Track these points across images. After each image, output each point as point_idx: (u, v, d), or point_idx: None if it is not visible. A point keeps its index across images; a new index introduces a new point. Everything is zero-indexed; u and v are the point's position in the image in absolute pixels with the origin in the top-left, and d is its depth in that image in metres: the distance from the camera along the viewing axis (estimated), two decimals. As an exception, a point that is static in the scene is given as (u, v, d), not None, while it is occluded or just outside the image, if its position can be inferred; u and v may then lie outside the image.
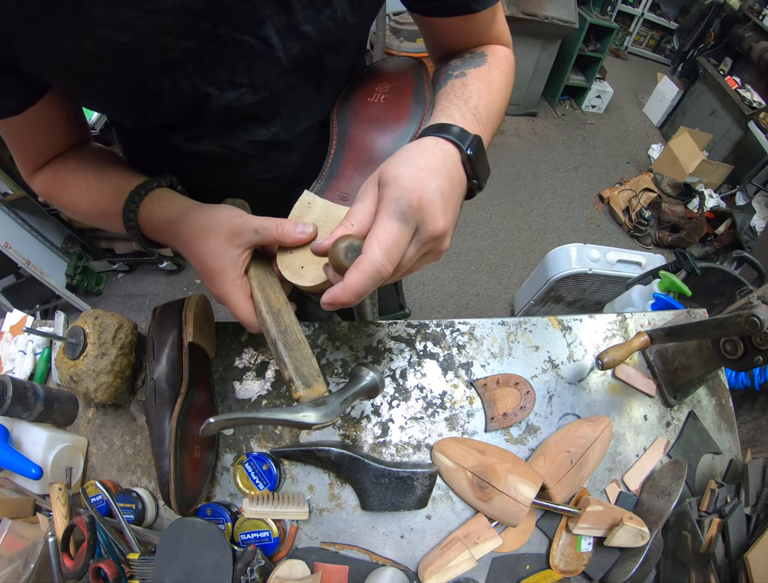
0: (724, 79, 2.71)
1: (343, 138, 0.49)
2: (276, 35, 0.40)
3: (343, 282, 0.32)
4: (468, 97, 0.44)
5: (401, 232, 0.32)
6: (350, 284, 0.32)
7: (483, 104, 0.44)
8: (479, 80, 0.46)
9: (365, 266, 0.31)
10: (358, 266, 0.32)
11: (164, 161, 0.52)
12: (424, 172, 0.34)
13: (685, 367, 0.66)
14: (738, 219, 2.32)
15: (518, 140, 2.97)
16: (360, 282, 0.32)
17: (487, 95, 0.45)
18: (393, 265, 0.32)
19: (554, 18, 2.51)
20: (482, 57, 0.49)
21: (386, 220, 0.32)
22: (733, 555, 0.55)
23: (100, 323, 0.59)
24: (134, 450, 0.62)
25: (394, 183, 0.33)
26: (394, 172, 0.34)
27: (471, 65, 0.48)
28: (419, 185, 0.33)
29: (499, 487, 0.54)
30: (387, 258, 0.32)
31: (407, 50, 2.50)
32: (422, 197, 0.33)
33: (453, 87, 0.46)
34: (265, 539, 0.55)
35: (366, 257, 0.32)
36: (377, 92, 0.51)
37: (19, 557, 0.52)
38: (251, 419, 0.39)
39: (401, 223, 0.32)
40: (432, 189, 0.34)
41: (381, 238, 0.32)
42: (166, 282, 2.05)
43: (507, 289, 2.16)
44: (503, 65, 0.50)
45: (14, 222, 1.68)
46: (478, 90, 0.45)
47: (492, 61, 0.49)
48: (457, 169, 0.38)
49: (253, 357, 0.66)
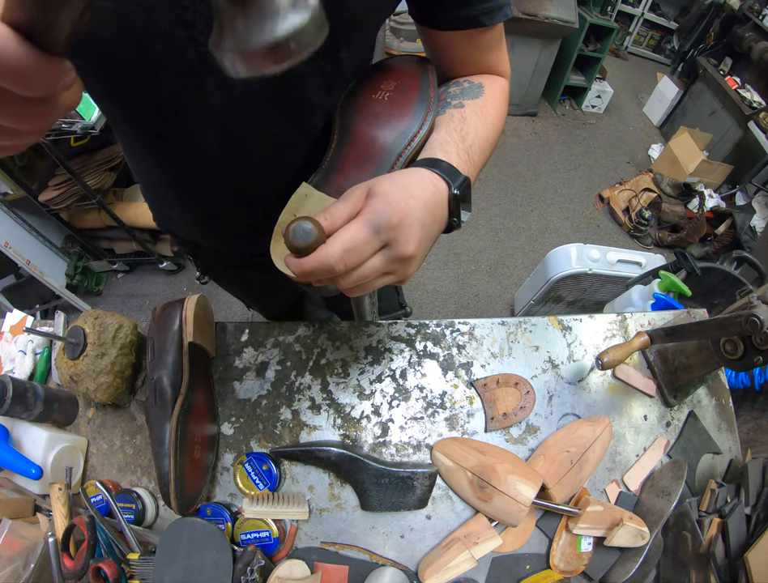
0: (724, 79, 2.71)
1: (345, 132, 0.49)
2: None
3: (298, 260, 0.34)
4: (466, 134, 0.46)
5: (367, 241, 0.34)
6: (301, 262, 0.33)
7: (477, 142, 0.46)
8: (476, 115, 0.48)
9: (319, 255, 0.33)
10: (317, 252, 0.33)
11: (165, 162, 0.52)
12: (413, 200, 0.36)
13: (685, 367, 0.66)
14: (738, 219, 2.32)
15: (518, 140, 2.97)
16: (308, 266, 0.33)
17: (483, 131, 0.47)
18: (346, 266, 0.34)
19: (554, 18, 2.51)
20: (479, 88, 0.51)
21: (358, 224, 0.34)
22: (733, 555, 0.55)
23: (100, 323, 0.59)
24: (134, 450, 0.62)
25: (382, 198, 0.35)
26: (386, 189, 0.36)
27: (468, 96, 0.49)
28: (404, 207, 0.35)
29: (499, 487, 0.54)
30: (343, 257, 0.33)
31: (407, 50, 2.50)
32: (403, 219, 0.35)
33: (452, 118, 0.47)
34: (265, 539, 0.55)
35: (325, 247, 0.33)
36: (382, 90, 0.51)
37: (19, 557, 0.52)
38: None
39: (371, 233, 0.34)
40: (415, 216, 0.35)
41: (347, 238, 0.33)
42: (166, 282, 2.05)
43: (507, 289, 2.16)
44: (499, 99, 0.52)
45: (14, 222, 1.68)
46: (475, 126, 0.47)
47: (489, 94, 0.50)
48: (441, 207, 0.40)
49: (253, 357, 0.66)
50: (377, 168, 0.46)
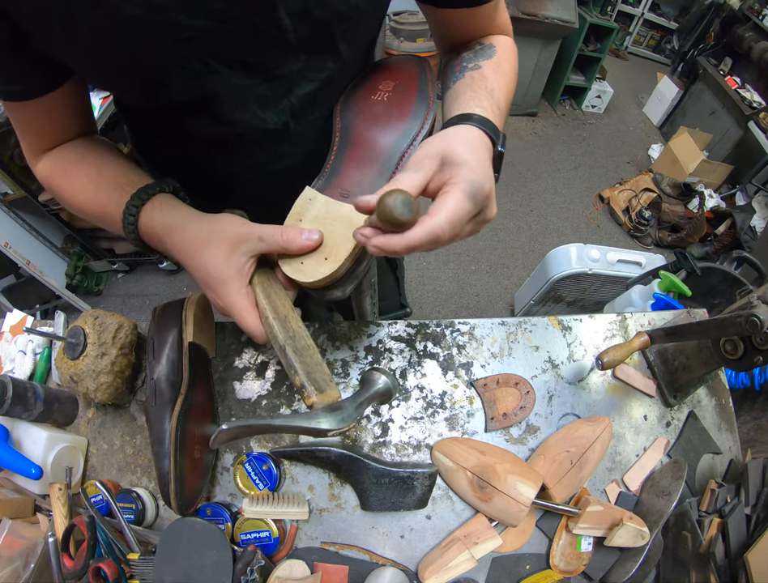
0: (724, 79, 2.71)
1: (346, 135, 0.49)
2: (288, 18, 0.40)
3: (403, 235, 0.33)
4: (492, 90, 0.46)
5: (468, 211, 0.35)
6: (409, 237, 0.33)
7: (502, 97, 0.47)
8: (495, 73, 0.48)
9: (428, 227, 0.33)
10: (422, 224, 0.33)
11: (171, 147, 0.52)
12: (486, 163, 0.38)
13: (685, 367, 0.66)
14: (738, 219, 2.32)
15: (518, 140, 2.97)
16: (417, 239, 0.33)
17: (504, 87, 0.48)
18: (452, 236, 0.35)
19: (554, 18, 2.51)
20: (491, 48, 0.51)
21: (459, 195, 0.35)
22: (733, 555, 0.55)
23: (100, 323, 0.59)
24: (134, 450, 0.62)
25: (466, 165, 0.36)
26: (465, 156, 0.36)
27: (483, 57, 0.50)
28: (487, 173, 0.37)
29: (499, 487, 0.54)
30: (450, 228, 0.34)
31: (406, 50, 2.50)
32: (490, 185, 0.36)
33: (473, 79, 0.47)
34: (265, 539, 0.55)
35: (432, 218, 0.34)
36: (381, 90, 0.51)
37: (19, 557, 0.51)
38: (265, 426, 0.38)
39: (471, 204, 0.35)
40: (491, 179, 0.37)
41: (452, 210, 0.34)
42: (166, 282, 2.05)
43: (507, 289, 2.16)
44: (510, 56, 0.53)
45: (14, 222, 1.68)
46: (498, 83, 0.47)
47: (501, 52, 0.51)
48: (491, 164, 0.41)
49: (253, 357, 0.66)
50: (380, 170, 0.46)
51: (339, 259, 0.40)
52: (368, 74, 0.54)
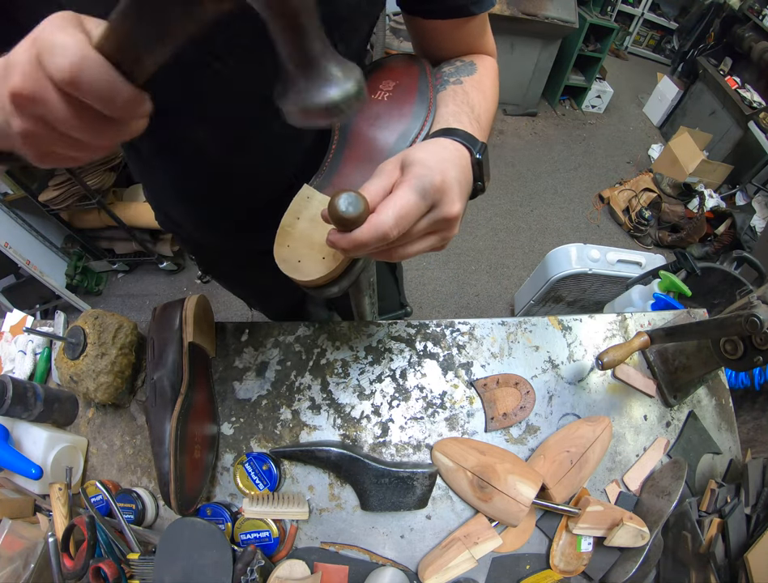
0: (724, 79, 2.71)
1: (345, 134, 0.49)
2: None
3: (351, 233, 0.33)
4: (473, 105, 0.46)
5: (416, 205, 0.34)
6: (355, 233, 0.33)
7: (482, 113, 0.47)
8: (475, 89, 0.49)
9: (373, 223, 0.33)
10: (368, 221, 0.33)
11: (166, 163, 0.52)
12: (447, 163, 0.37)
13: (685, 367, 0.66)
14: (738, 219, 2.32)
15: (518, 140, 2.97)
16: (363, 236, 0.33)
17: (485, 103, 0.48)
18: (399, 231, 0.34)
19: (554, 18, 2.51)
20: (472, 65, 0.52)
21: (405, 190, 0.34)
22: (733, 555, 0.55)
23: (100, 323, 0.59)
24: (134, 450, 0.62)
25: (420, 164, 0.36)
26: (420, 155, 0.36)
27: (464, 73, 0.50)
28: (443, 168, 0.36)
29: (499, 487, 0.54)
30: (396, 224, 0.33)
31: (406, 50, 2.49)
32: (445, 179, 0.35)
33: (455, 92, 0.48)
34: (265, 539, 0.55)
35: (377, 216, 0.33)
36: (381, 90, 0.51)
37: (19, 557, 0.52)
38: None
39: (419, 197, 0.34)
40: (453, 176, 0.37)
41: (397, 205, 0.34)
42: (166, 282, 2.05)
43: (507, 289, 2.16)
44: (491, 75, 0.53)
45: (14, 222, 1.68)
46: (478, 99, 0.48)
47: (483, 70, 0.51)
48: (468, 169, 0.40)
49: (253, 357, 0.66)
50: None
51: (335, 258, 0.40)
52: (368, 73, 0.54)
